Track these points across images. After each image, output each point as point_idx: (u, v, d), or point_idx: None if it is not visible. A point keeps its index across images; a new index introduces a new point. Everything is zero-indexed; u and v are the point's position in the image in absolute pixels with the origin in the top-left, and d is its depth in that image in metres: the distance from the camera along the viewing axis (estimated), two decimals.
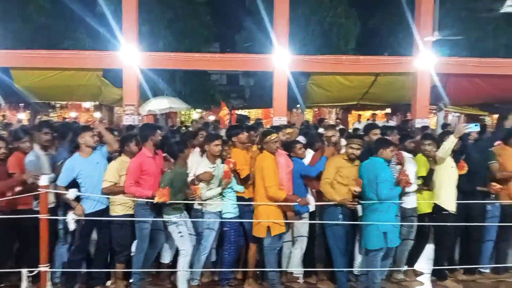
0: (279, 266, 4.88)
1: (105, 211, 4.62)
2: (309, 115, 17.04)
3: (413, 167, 4.81)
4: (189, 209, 4.79)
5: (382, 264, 4.54)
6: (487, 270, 5.18)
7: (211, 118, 16.01)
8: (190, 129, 8.62)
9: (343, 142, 5.12)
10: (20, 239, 4.76)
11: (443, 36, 11.12)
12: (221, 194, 4.73)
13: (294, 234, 4.96)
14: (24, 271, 4.53)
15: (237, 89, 18.73)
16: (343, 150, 4.89)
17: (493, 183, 4.85)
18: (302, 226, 4.90)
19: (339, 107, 16.21)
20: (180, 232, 4.55)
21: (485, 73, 11.65)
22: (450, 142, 4.63)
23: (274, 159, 4.65)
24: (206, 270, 4.88)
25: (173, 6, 13.90)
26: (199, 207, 4.73)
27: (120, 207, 4.63)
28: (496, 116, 12.19)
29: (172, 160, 4.69)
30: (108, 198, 4.63)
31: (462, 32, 13.47)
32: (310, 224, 4.92)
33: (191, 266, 4.68)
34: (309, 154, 5.09)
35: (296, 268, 4.99)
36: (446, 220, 4.76)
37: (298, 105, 11.45)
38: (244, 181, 4.79)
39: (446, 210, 4.79)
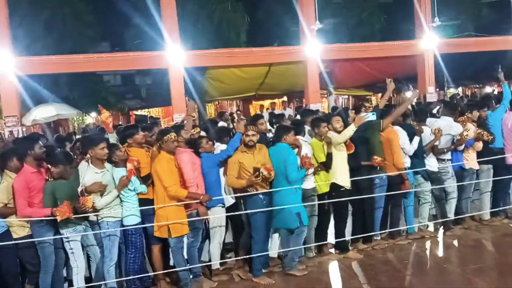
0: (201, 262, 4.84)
1: (5, 234, 4.27)
2: (210, 109, 17.05)
3: (308, 151, 5.07)
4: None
5: (297, 243, 4.79)
6: (379, 237, 5.63)
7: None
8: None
9: None
10: None
11: (324, 24, 11.83)
12: (119, 199, 4.49)
13: (209, 226, 4.93)
14: None
15: (133, 89, 17.92)
16: None
17: (375, 157, 5.28)
18: (217, 217, 4.88)
19: (239, 99, 16.46)
20: (71, 248, 4.29)
21: (366, 57, 12.71)
22: (350, 131, 4.96)
23: (171, 159, 4.57)
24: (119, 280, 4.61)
25: (48, 6, 12.78)
26: (94, 218, 4.45)
27: (20, 228, 4.28)
28: (380, 95, 13.39)
29: (52, 169, 4.32)
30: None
31: (342, 19, 14.49)
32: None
33: (103, 279, 4.42)
34: (218, 147, 5.09)
35: (216, 260, 4.95)
36: (342, 196, 5.11)
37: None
38: (145, 180, 4.63)
39: (343, 187, 5.14)
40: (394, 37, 13.35)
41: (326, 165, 5.11)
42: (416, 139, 5.45)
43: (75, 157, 4.93)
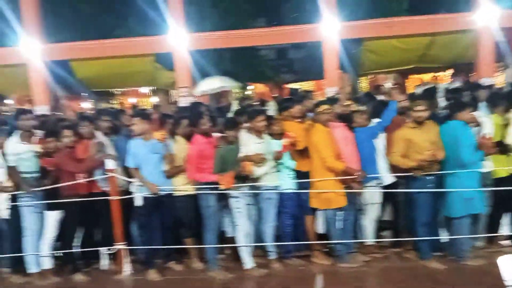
0: (355, 237, 4.85)
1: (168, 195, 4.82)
2: (364, 83, 16.52)
3: (490, 129, 4.53)
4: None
5: (470, 232, 4.44)
6: None
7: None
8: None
9: None
10: (97, 220, 5.03)
11: None
12: (277, 168, 4.70)
13: (364, 202, 4.87)
14: (103, 250, 4.88)
15: (287, 63, 18.42)
16: None
17: None
18: (372, 193, 4.79)
19: (396, 72, 15.53)
20: (238, 208, 4.62)
21: None
22: None
23: (327, 131, 4.58)
24: (275, 244, 4.91)
25: None
26: (254, 183, 4.74)
27: (183, 187, 4.80)
28: None
29: (221, 137, 4.74)
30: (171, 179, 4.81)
31: None
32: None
33: (261, 240, 4.75)
34: (375, 121, 4.94)
35: (369, 236, 4.91)
36: None
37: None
38: (301, 154, 4.74)
39: None
40: None
41: (507, 147, 4.51)
42: None
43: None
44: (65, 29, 13.16)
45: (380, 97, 6.19)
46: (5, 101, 13.99)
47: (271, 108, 6.12)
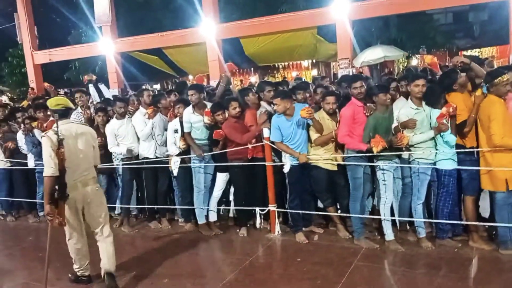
0: None
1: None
2: None
3: None
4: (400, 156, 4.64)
5: None
6: None
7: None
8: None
9: None
10: (254, 183, 5.52)
11: None
12: (434, 141, 4.37)
13: None
14: (258, 210, 5.36)
15: (464, 27, 16.37)
16: None
17: None
18: None
19: None
20: (384, 180, 4.50)
21: None
22: None
23: (503, 103, 4.04)
24: (426, 221, 4.68)
25: None
26: (406, 156, 4.51)
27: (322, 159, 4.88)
28: None
29: (370, 106, 4.60)
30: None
31: None
32: None
33: (411, 216, 4.60)
34: None
35: None
36: None
37: None
38: (460, 128, 4.30)
39: None
40: None
41: None
42: None
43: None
44: (237, 8, 14.31)
45: None
46: (188, 76, 16.05)
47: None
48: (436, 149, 4.41)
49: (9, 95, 18.44)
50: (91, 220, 4.12)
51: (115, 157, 6.01)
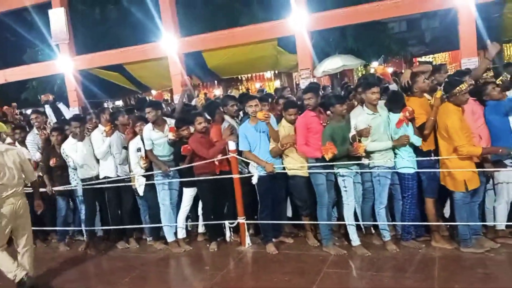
0: (482, 221, 4.56)
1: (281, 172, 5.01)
2: (509, 50, 14.57)
3: None
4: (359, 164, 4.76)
5: None
6: None
7: (390, 70, 15.17)
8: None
9: None
10: (222, 196, 5.52)
11: None
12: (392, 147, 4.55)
13: (494, 182, 4.49)
14: (227, 223, 5.36)
15: (416, 35, 17.12)
16: None
17: None
18: (504, 172, 4.38)
19: None
20: (345, 187, 4.63)
21: None
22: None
23: (458, 110, 4.25)
24: (390, 224, 4.84)
25: None
26: (366, 162, 4.66)
27: (293, 166, 4.94)
28: None
29: (328, 115, 4.75)
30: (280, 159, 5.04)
31: None
32: None
33: (374, 219, 4.75)
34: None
35: (501, 220, 4.50)
36: None
37: None
38: (420, 130, 4.49)
39: None
40: None
41: None
42: None
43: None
44: (197, 22, 14.33)
45: None
46: (151, 91, 15.88)
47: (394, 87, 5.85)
48: (395, 153, 4.57)
49: None
50: (19, 231, 4.46)
51: (72, 178, 5.88)
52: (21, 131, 6.36)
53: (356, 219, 4.84)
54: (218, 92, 16.32)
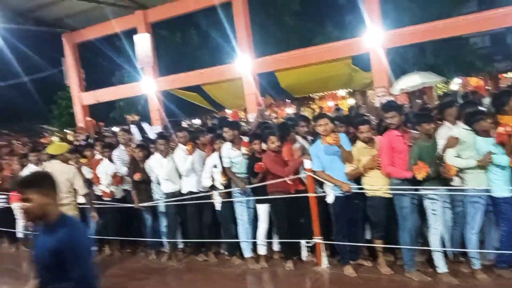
0: None
1: (358, 193, 4.88)
2: None
3: None
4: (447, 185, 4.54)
5: None
6: None
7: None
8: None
9: None
10: (297, 215, 5.54)
11: None
12: (484, 168, 4.28)
13: None
14: (303, 242, 5.34)
15: (501, 50, 16.02)
16: None
17: None
18: None
19: None
20: (433, 210, 4.41)
21: None
22: None
23: None
24: (483, 252, 4.53)
25: None
26: (457, 183, 4.42)
27: (372, 187, 4.79)
28: None
29: (416, 134, 4.57)
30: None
31: None
32: None
33: (463, 246, 4.47)
34: None
35: None
36: None
37: None
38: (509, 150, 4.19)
39: None
40: None
41: None
42: None
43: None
44: (271, 43, 14.68)
45: None
46: (225, 110, 16.42)
47: (486, 104, 5.55)
48: (487, 173, 4.30)
49: (58, 135, 19.43)
50: None
51: (156, 191, 6.22)
52: (109, 150, 6.89)
53: (442, 244, 4.59)
54: (290, 110, 16.43)
